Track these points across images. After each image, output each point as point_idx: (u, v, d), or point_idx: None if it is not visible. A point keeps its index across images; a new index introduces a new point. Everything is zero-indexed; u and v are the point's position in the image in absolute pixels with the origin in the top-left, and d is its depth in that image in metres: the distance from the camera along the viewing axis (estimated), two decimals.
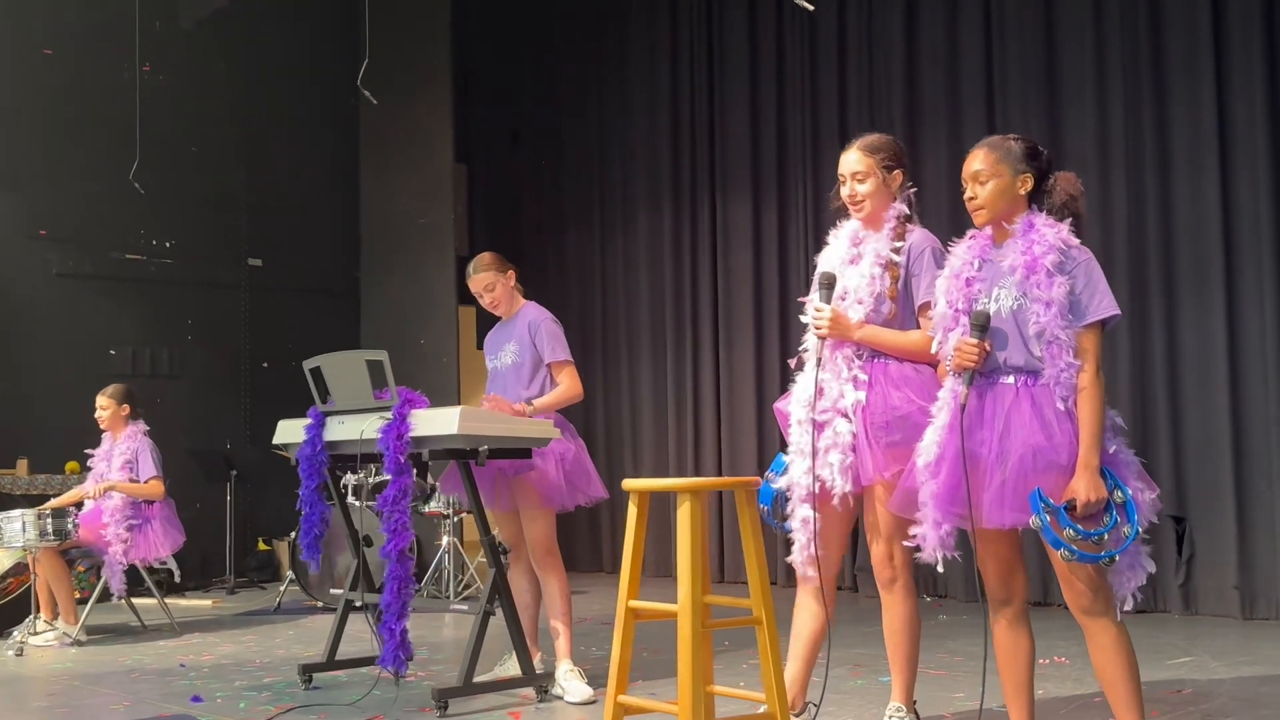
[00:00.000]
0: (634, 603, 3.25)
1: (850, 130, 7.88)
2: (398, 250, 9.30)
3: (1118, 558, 3.06)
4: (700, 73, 8.88)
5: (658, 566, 8.44)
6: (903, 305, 3.62)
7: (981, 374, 3.20)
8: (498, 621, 4.57)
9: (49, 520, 6.03)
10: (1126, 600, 3.12)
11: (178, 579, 8.38)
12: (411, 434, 4.36)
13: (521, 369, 4.78)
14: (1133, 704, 3.12)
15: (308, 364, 4.79)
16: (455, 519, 7.57)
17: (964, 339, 3.18)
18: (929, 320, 3.48)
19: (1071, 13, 6.85)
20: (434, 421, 4.35)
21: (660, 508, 7.43)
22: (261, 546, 9.30)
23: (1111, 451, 3.14)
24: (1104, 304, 3.11)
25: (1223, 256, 6.28)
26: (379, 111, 9.37)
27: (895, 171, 3.67)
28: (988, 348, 3.16)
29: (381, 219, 9.52)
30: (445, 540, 7.54)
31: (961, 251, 3.33)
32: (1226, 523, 6.22)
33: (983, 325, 3.17)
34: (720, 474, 8.43)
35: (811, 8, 5.16)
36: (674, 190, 9.04)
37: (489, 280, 4.82)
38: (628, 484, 3.27)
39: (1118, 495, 3.06)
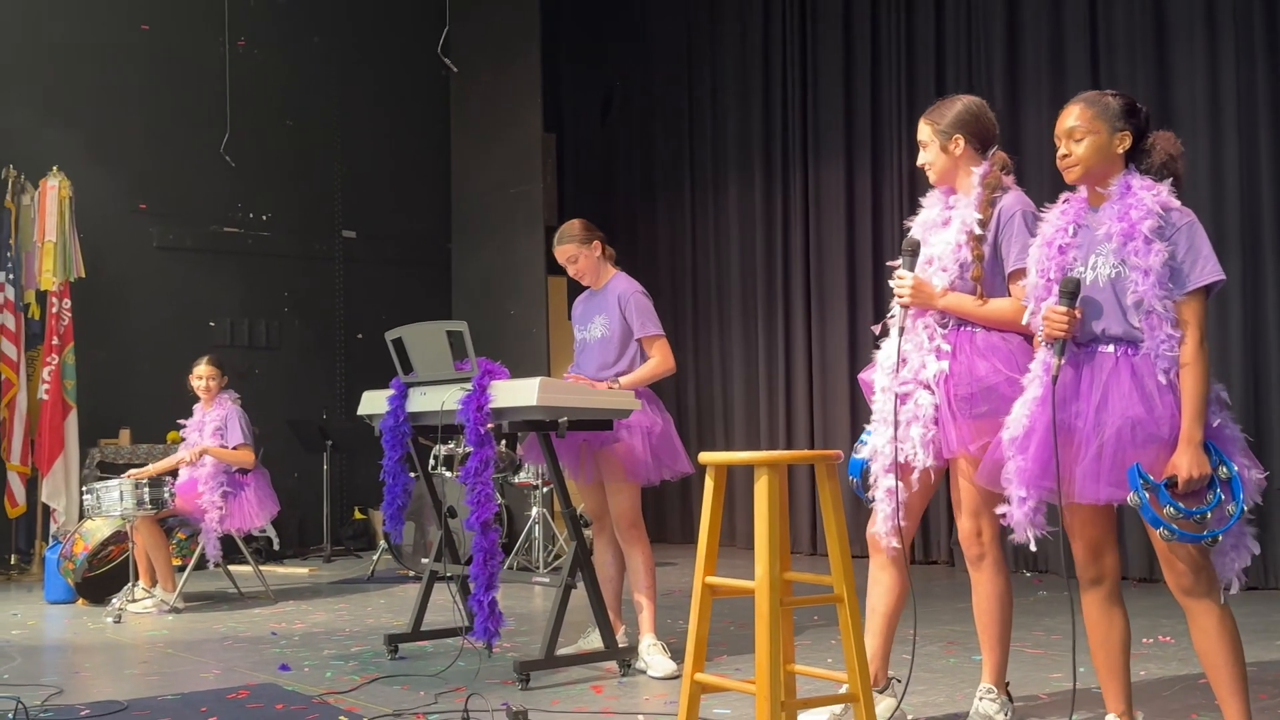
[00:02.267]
0: (711, 579, 3.17)
1: (947, 91, 7.64)
2: (488, 221, 9.30)
3: (1221, 538, 2.89)
4: (793, 36, 8.69)
5: (750, 538, 8.34)
6: (991, 272, 3.47)
7: (1078, 344, 3.05)
8: (582, 594, 4.52)
9: (146, 489, 6.15)
10: (1231, 584, 2.94)
11: (276, 547, 8.53)
12: (491, 405, 4.31)
13: (610, 342, 4.71)
14: (1237, 689, 2.95)
15: (390, 335, 4.78)
16: (544, 490, 7.56)
17: (1053, 307, 3.04)
18: (1019, 288, 3.34)
19: None
20: (514, 393, 4.30)
21: (752, 480, 7.34)
22: (357, 515, 9.42)
23: (1215, 425, 2.95)
24: (1207, 270, 2.93)
25: None
26: (469, 81, 9.38)
27: (955, 136, 3.52)
28: (1078, 315, 3.01)
29: (472, 189, 9.53)
30: (534, 511, 7.54)
31: (1054, 218, 3.17)
32: None
33: (1072, 293, 3.01)
34: (812, 446, 8.30)
35: None
36: (765, 157, 8.88)
37: (571, 252, 4.77)
38: (704, 457, 3.19)
39: (1222, 471, 2.89)
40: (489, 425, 4.32)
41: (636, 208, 9.92)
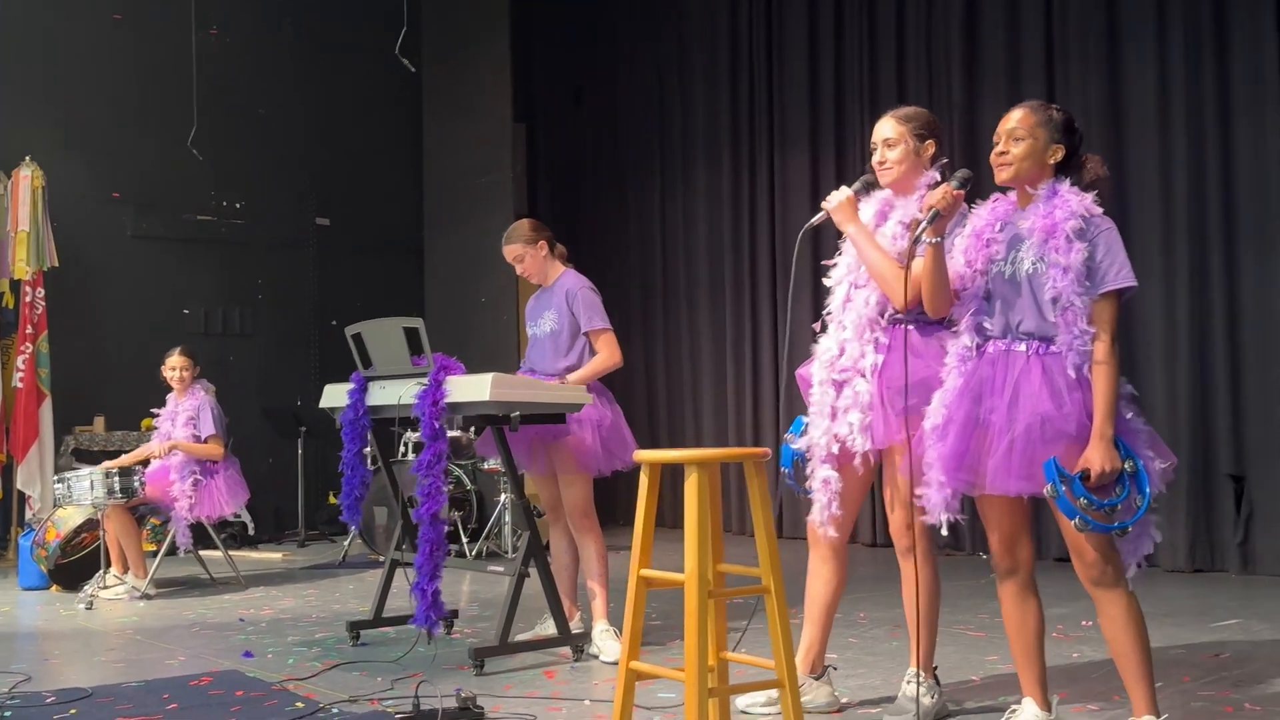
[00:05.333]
0: (646, 572, 3.30)
1: (908, 84, 7.78)
2: (460, 209, 9.40)
3: (1130, 528, 3.05)
4: (759, 27, 8.78)
5: (742, 524, 8.53)
6: None
7: (994, 337, 3.22)
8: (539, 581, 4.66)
9: (116, 478, 6.27)
10: (1130, 568, 3.10)
11: (251, 532, 8.65)
12: (446, 400, 4.45)
13: (560, 337, 4.85)
14: (1143, 676, 3.11)
15: (349, 330, 4.90)
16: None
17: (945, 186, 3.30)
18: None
19: None
20: (468, 388, 4.44)
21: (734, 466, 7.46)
22: (331, 500, 9.54)
23: (1126, 419, 3.12)
24: (1123, 274, 3.09)
25: None
26: (440, 71, 9.47)
27: (927, 141, 3.66)
28: (956, 194, 3.26)
29: (444, 178, 9.63)
30: (503, 497, 7.67)
31: (984, 213, 3.35)
32: None
33: (964, 181, 3.31)
34: (779, 436, 8.43)
35: None
36: (733, 145, 8.98)
37: (518, 252, 4.91)
38: (638, 456, 3.31)
39: (1129, 465, 3.05)
40: (443, 419, 4.46)
41: (607, 197, 10.02)
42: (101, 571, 6.40)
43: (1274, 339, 6.17)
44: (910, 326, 3.59)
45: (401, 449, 7.73)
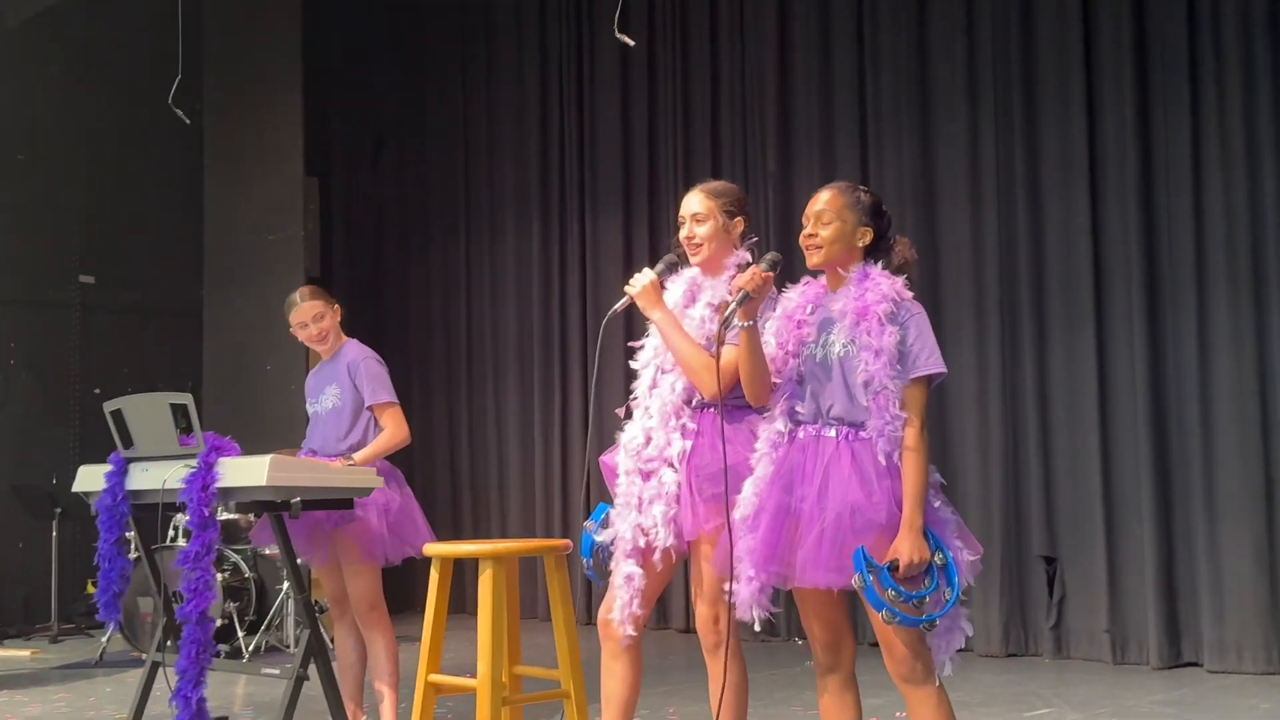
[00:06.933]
0: (435, 677, 2.99)
1: (722, 152, 7.70)
2: (244, 268, 8.82)
3: (938, 621, 2.92)
4: (570, 84, 8.52)
5: (534, 607, 8.00)
6: None
7: (805, 422, 3.09)
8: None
9: None
10: (945, 665, 2.98)
11: None
12: (218, 485, 4.02)
13: (342, 413, 4.46)
14: None
15: (108, 406, 4.41)
16: (299, 561, 7.17)
17: (755, 269, 3.14)
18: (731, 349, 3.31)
19: (943, 41, 6.74)
20: (243, 471, 4.00)
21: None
22: (90, 589, 8.74)
23: (934, 509, 3.00)
24: (933, 359, 3.02)
25: (1092, 287, 6.19)
26: (225, 119, 8.94)
27: (737, 219, 3.54)
28: (765, 277, 3.11)
29: (227, 234, 9.02)
30: (286, 585, 7.14)
31: (795, 295, 3.25)
32: (1097, 563, 6.09)
33: (773, 263, 3.16)
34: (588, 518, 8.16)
35: (633, 44, 5.01)
36: (543, 206, 8.65)
37: (319, 310, 4.54)
38: (429, 549, 3.02)
39: (938, 558, 2.95)
40: (213, 505, 4.04)
41: (409, 258, 9.52)
42: None
43: (1082, 416, 6.18)
44: (718, 412, 3.41)
45: (171, 533, 7.11)
